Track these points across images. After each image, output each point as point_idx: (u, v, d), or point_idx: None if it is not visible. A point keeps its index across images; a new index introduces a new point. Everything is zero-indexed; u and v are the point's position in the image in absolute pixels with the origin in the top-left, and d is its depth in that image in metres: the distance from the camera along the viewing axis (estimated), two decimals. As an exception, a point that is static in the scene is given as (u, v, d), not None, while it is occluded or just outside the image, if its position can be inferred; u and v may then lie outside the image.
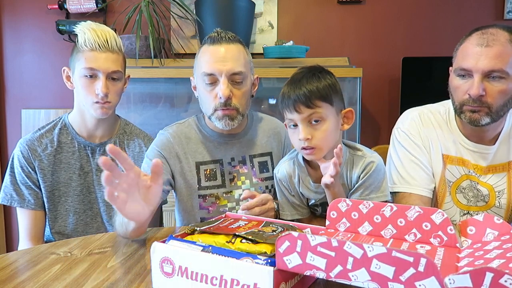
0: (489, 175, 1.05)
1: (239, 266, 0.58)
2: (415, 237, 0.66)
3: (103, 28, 1.12)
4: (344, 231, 0.71)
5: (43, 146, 1.15)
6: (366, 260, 0.49)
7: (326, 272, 0.52)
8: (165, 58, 2.00)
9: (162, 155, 1.10)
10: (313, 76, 0.92)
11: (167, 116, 1.73)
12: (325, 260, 0.52)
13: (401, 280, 0.47)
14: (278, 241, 0.55)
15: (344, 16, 2.16)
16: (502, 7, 2.10)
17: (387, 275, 0.48)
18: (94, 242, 0.94)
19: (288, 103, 0.91)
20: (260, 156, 1.18)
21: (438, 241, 0.64)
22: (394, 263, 0.47)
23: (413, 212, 0.66)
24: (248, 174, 1.16)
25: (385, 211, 0.68)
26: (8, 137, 2.28)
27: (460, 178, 1.06)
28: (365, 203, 0.70)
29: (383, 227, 0.68)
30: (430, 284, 0.46)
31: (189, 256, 0.62)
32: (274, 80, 1.94)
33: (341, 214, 0.71)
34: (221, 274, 0.59)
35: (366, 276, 0.49)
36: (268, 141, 1.19)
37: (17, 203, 1.13)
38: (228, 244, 0.64)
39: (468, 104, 0.97)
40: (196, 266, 0.61)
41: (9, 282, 0.73)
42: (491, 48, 0.92)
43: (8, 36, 2.23)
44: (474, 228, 0.65)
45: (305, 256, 0.53)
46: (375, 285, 0.49)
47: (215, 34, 1.08)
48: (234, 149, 1.16)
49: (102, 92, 1.09)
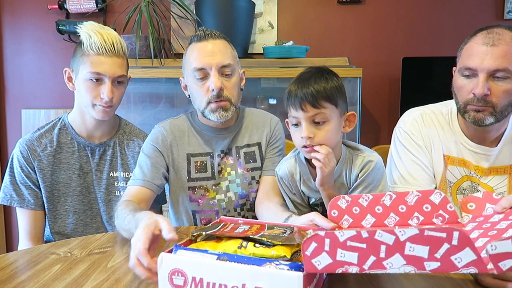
0: (490, 176, 1.04)
1: (264, 274, 0.54)
2: (418, 221, 0.67)
3: (109, 32, 1.11)
4: (348, 227, 0.71)
5: (43, 146, 1.15)
6: (399, 245, 0.49)
7: (359, 266, 0.51)
8: (165, 58, 2.00)
9: (157, 149, 1.13)
10: (321, 76, 0.93)
11: (167, 116, 1.73)
12: (357, 254, 0.50)
13: (437, 258, 0.48)
14: (304, 244, 0.52)
15: (344, 16, 2.16)
16: (502, 7, 2.10)
17: (422, 255, 0.48)
18: (94, 242, 0.94)
19: (295, 101, 0.91)
20: (247, 147, 1.19)
21: (440, 220, 0.66)
22: (427, 243, 0.48)
23: (412, 197, 0.67)
24: (233, 165, 1.18)
25: (385, 201, 0.68)
26: (8, 137, 2.28)
27: (460, 179, 1.06)
28: (364, 197, 0.70)
29: (386, 217, 0.69)
30: (465, 256, 0.47)
31: (205, 265, 0.58)
32: (274, 80, 1.94)
33: (342, 211, 0.71)
34: (243, 283, 0.55)
35: (401, 261, 0.49)
36: (257, 132, 1.21)
37: (16, 203, 1.13)
38: (241, 250, 0.61)
39: (473, 104, 0.96)
40: (212, 276, 0.57)
41: (9, 282, 0.73)
42: (497, 47, 0.92)
43: (8, 36, 2.23)
44: (474, 204, 0.66)
45: (335, 254, 0.51)
46: (411, 268, 0.49)
47: (201, 33, 1.12)
48: (224, 142, 1.18)
49: (108, 97, 1.09)
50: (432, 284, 0.71)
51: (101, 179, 1.20)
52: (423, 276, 0.73)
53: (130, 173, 1.21)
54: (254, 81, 1.92)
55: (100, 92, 1.10)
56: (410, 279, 0.72)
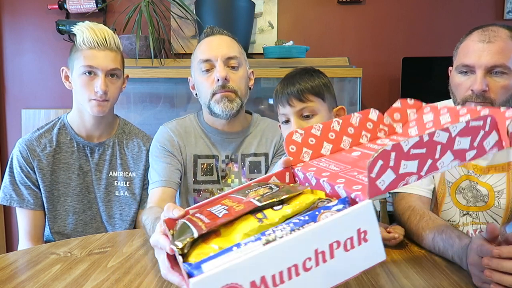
0: (489, 175, 1.05)
1: (331, 224, 0.45)
2: (367, 138, 0.72)
3: (101, 27, 1.12)
4: (310, 160, 0.69)
5: (42, 146, 1.15)
6: (450, 142, 0.51)
7: (417, 174, 0.50)
8: (165, 58, 2.00)
9: (168, 150, 1.12)
10: (306, 73, 0.95)
11: (167, 116, 1.73)
12: (417, 161, 0.49)
13: (474, 146, 0.52)
14: (370, 166, 0.46)
15: (344, 16, 2.15)
16: (502, 7, 2.10)
17: (465, 147, 0.52)
18: (94, 242, 0.94)
19: (282, 98, 0.93)
20: (254, 156, 1.18)
21: (383, 133, 0.72)
22: (470, 133, 0.51)
23: (355, 119, 0.72)
24: (237, 173, 1.17)
25: (334, 127, 0.71)
26: (8, 137, 2.28)
27: (459, 179, 1.06)
28: (315, 126, 0.70)
29: (340, 140, 0.71)
30: (492, 139, 0.53)
31: (259, 259, 0.42)
32: (274, 80, 1.94)
33: (299, 145, 0.69)
34: (315, 248, 0.44)
35: (450, 158, 0.51)
36: (266, 142, 1.19)
37: (16, 203, 1.13)
38: (263, 223, 0.48)
39: (471, 100, 0.96)
40: (275, 265, 0.43)
41: (9, 282, 0.73)
42: (493, 44, 0.93)
43: (8, 36, 2.23)
44: (399, 114, 0.74)
45: (398, 167, 0.48)
46: (456, 162, 0.52)
47: (209, 30, 1.14)
48: (230, 147, 1.16)
49: (101, 89, 1.09)
50: (432, 284, 0.71)
51: (101, 179, 1.20)
52: (423, 276, 0.73)
53: (130, 172, 1.21)
54: (254, 81, 1.92)
55: (94, 86, 1.10)
56: (410, 279, 0.72)
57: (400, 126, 0.73)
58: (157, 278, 0.74)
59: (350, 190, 0.51)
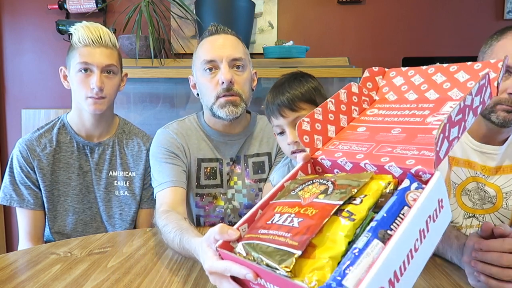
0: (497, 176, 1.03)
1: (425, 203, 0.47)
2: (357, 112, 0.74)
3: (96, 26, 1.13)
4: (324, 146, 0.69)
5: (42, 146, 1.15)
6: (472, 102, 0.56)
7: (458, 137, 0.55)
8: (165, 58, 2.00)
9: (173, 152, 1.09)
10: (295, 80, 0.92)
11: (166, 116, 1.73)
12: (457, 126, 0.55)
13: (481, 102, 0.58)
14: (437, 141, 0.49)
15: (344, 16, 2.15)
16: (502, 7, 2.09)
17: (477, 104, 0.58)
18: (94, 242, 0.94)
19: (273, 108, 0.91)
20: (257, 156, 1.16)
21: (366, 103, 0.76)
22: (480, 92, 0.57)
23: (343, 94, 0.74)
24: (241, 174, 1.15)
25: (331, 107, 0.72)
26: (8, 137, 2.28)
27: (465, 180, 1.04)
28: (316, 111, 0.70)
29: (339, 120, 0.73)
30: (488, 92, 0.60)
31: (391, 256, 0.42)
32: (274, 80, 1.94)
33: (310, 133, 0.69)
34: (420, 228, 0.46)
35: (471, 116, 0.57)
36: (268, 142, 1.18)
37: (16, 203, 1.13)
38: (356, 222, 0.47)
39: (505, 104, 0.91)
40: (400, 256, 0.44)
41: (9, 282, 0.73)
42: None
43: (8, 36, 2.23)
44: (371, 83, 0.78)
45: (449, 135, 0.53)
46: (474, 118, 0.58)
47: (213, 28, 1.09)
48: (233, 149, 1.15)
49: (97, 86, 1.09)
50: (432, 284, 0.71)
51: (101, 179, 1.20)
52: (423, 276, 0.73)
53: (130, 172, 1.21)
54: (254, 81, 1.92)
55: (90, 83, 1.10)
56: (410, 279, 0.72)
57: (375, 94, 0.78)
58: (157, 278, 0.74)
59: (406, 166, 0.53)
